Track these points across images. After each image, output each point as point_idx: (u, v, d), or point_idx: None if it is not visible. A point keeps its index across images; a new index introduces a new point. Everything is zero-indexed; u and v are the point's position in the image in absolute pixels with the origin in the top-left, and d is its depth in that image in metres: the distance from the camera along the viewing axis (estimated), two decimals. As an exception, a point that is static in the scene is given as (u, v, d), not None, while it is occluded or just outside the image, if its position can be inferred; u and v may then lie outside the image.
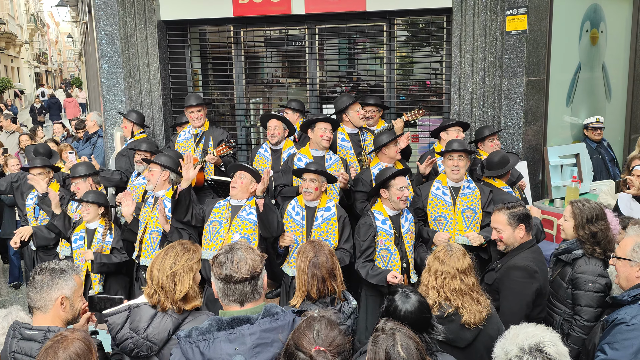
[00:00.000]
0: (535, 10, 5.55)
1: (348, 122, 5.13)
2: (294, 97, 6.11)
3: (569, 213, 3.60)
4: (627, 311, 2.73)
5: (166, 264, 2.56)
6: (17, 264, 6.92)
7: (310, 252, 2.96)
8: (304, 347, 1.95)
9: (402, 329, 2.10)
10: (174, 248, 2.63)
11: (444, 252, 2.95)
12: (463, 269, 2.88)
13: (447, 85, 6.05)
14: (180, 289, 2.51)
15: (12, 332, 2.52)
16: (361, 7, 5.91)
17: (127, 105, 6.38)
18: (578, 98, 6.47)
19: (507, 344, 2.13)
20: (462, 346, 2.81)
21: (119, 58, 6.32)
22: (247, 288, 2.23)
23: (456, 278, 2.85)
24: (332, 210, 4.29)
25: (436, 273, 2.90)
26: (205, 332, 2.13)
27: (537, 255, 3.45)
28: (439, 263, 2.91)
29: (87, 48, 18.09)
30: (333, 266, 2.95)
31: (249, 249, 2.31)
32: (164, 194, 4.47)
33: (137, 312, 2.53)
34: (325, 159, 4.80)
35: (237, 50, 6.66)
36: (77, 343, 2.18)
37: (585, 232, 3.47)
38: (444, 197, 4.39)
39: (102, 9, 6.27)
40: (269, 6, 6.08)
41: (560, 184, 5.68)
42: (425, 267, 3.04)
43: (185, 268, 2.55)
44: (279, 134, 5.07)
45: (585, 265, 3.41)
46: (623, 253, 2.94)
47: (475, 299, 2.86)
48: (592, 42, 6.55)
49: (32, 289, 2.57)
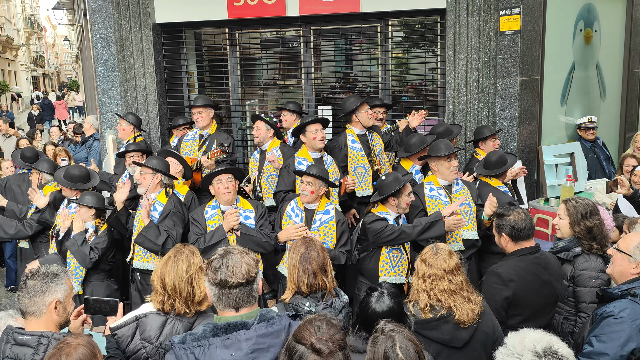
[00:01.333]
0: (529, 10, 5.57)
1: (357, 122, 5.11)
2: (291, 99, 6.13)
3: (563, 211, 3.62)
4: (616, 304, 2.74)
5: (180, 269, 2.58)
6: (13, 267, 6.91)
7: (302, 247, 2.99)
8: (304, 339, 1.94)
9: (402, 331, 2.10)
10: (183, 252, 2.66)
11: (430, 254, 2.94)
12: (450, 269, 2.87)
13: (442, 86, 6.07)
14: (200, 291, 2.56)
15: (5, 337, 2.51)
16: (355, 8, 5.93)
17: (122, 108, 6.38)
18: (572, 97, 6.49)
19: (515, 350, 2.04)
20: (459, 346, 2.81)
21: (114, 61, 6.33)
22: (242, 293, 2.19)
23: (444, 279, 2.85)
24: (331, 213, 4.27)
25: (424, 276, 2.90)
26: (200, 338, 2.10)
27: (526, 264, 3.34)
28: (426, 266, 2.91)
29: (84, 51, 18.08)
30: (324, 261, 2.97)
31: (244, 253, 2.28)
32: (155, 197, 4.48)
33: (146, 322, 2.53)
34: (323, 160, 4.80)
35: (233, 52, 6.67)
36: (80, 349, 2.17)
37: (581, 228, 3.50)
38: (440, 197, 4.38)
39: (97, 12, 6.28)
40: (263, 8, 6.09)
41: (555, 183, 5.69)
42: (414, 273, 3.03)
43: (199, 270, 2.60)
44: (260, 135, 5.14)
45: (587, 262, 3.44)
46: (626, 247, 2.92)
47: (466, 297, 2.86)
48: (586, 42, 6.57)
49: (24, 294, 2.55)
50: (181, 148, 5.50)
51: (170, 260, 2.63)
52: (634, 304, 2.72)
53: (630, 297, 2.75)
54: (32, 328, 2.53)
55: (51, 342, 2.46)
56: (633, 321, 2.65)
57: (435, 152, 4.45)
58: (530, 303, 3.29)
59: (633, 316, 2.67)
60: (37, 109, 20.97)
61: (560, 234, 3.68)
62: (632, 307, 2.70)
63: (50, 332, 2.50)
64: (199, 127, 5.44)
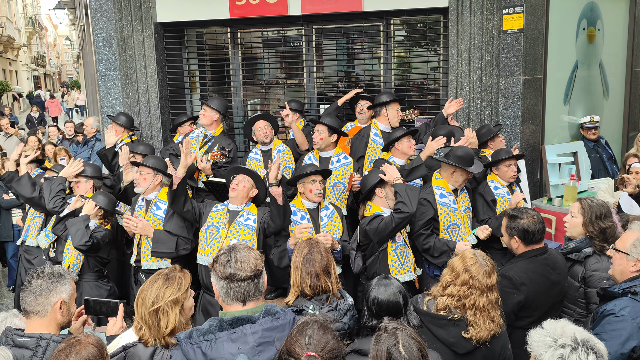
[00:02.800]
0: (532, 9, 5.56)
1: (385, 118, 5.11)
2: (293, 98, 6.11)
3: (578, 209, 3.54)
4: (617, 303, 2.76)
5: (148, 298, 2.41)
6: (15, 267, 6.91)
7: (305, 248, 2.97)
8: (295, 353, 1.95)
9: (405, 329, 2.10)
10: (156, 281, 2.47)
11: (477, 268, 2.77)
12: (491, 285, 2.76)
13: (445, 85, 6.06)
14: (165, 325, 2.38)
15: (4, 339, 2.51)
16: (358, 7, 5.91)
17: (124, 108, 6.37)
18: (575, 96, 6.47)
19: (553, 333, 2.03)
20: (460, 352, 2.76)
21: (116, 60, 6.32)
22: (250, 286, 2.24)
23: (484, 295, 2.73)
24: (330, 207, 4.34)
25: (462, 282, 2.76)
26: (206, 333, 2.14)
27: (536, 266, 3.32)
28: (469, 276, 2.75)
29: (85, 51, 18.08)
30: (327, 263, 2.93)
31: (250, 249, 2.33)
32: (155, 196, 4.46)
33: (134, 354, 2.41)
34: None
35: (234, 51, 6.66)
36: (90, 348, 2.18)
37: (595, 228, 3.44)
38: (450, 204, 4.33)
39: (98, 11, 6.27)
40: (265, 7, 6.08)
41: (558, 183, 5.68)
42: (447, 271, 2.89)
43: (170, 303, 2.40)
44: (270, 132, 5.14)
45: (598, 262, 3.39)
46: (622, 246, 2.94)
47: (491, 317, 2.75)
48: (589, 40, 6.55)
49: (29, 294, 2.55)
50: None
51: (146, 284, 2.48)
52: (635, 302, 2.74)
53: (630, 295, 2.77)
54: (34, 328, 2.53)
55: (50, 344, 2.46)
56: (633, 319, 2.67)
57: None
58: (540, 304, 3.28)
59: (633, 314, 2.69)
60: (37, 111, 20.99)
61: (569, 233, 3.62)
62: (633, 305, 2.72)
63: (49, 334, 2.50)
64: (199, 122, 5.43)
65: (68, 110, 27.10)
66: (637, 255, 2.87)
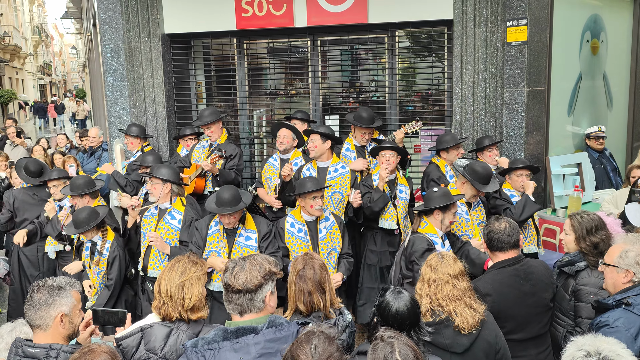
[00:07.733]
0: (536, 22, 5.60)
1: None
2: (299, 109, 6.16)
3: (569, 227, 3.58)
4: (611, 314, 2.80)
5: (174, 274, 2.63)
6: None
7: (300, 264, 2.87)
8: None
9: (401, 337, 2.12)
10: (181, 260, 2.70)
11: (436, 260, 2.97)
12: (455, 274, 2.89)
13: (449, 96, 6.09)
14: (190, 297, 2.58)
15: (14, 350, 2.51)
16: (363, 19, 5.97)
17: (131, 118, 6.44)
18: (579, 107, 6.49)
19: (590, 346, 2.11)
20: (459, 351, 2.81)
21: (123, 71, 6.39)
22: (242, 300, 2.30)
23: (449, 283, 2.87)
24: (330, 219, 4.32)
25: (429, 281, 2.91)
26: (211, 342, 2.19)
27: (503, 277, 3.32)
28: (432, 270, 2.93)
29: (91, 60, 18.23)
30: (321, 280, 2.80)
31: (256, 265, 2.34)
32: (169, 205, 4.51)
33: (151, 333, 2.54)
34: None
35: (240, 62, 6.73)
36: (103, 356, 2.21)
37: (587, 244, 3.46)
38: (462, 214, 4.35)
39: (107, 22, 6.35)
40: (271, 19, 6.15)
41: (563, 194, 5.69)
42: (419, 276, 3.05)
43: (194, 277, 2.63)
44: (288, 143, 5.13)
45: (588, 277, 3.40)
46: (610, 260, 2.99)
47: (469, 304, 2.86)
48: (593, 52, 6.59)
49: (30, 308, 2.55)
50: (192, 156, 5.55)
51: (169, 266, 2.69)
52: (628, 313, 2.78)
53: (624, 307, 2.81)
54: (39, 341, 2.54)
55: (60, 355, 2.47)
56: (627, 330, 2.70)
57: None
58: (511, 315, 3.27)
59: (627, 325, 2.73)
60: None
61: (567, 249, 3.66)
62: (626, 317, 2.76)
63: (59, 345, 2.50)
64: (212, 140, 5.48)
65: (78, 122, 26.62)
66: (626, 266, 2.92)
